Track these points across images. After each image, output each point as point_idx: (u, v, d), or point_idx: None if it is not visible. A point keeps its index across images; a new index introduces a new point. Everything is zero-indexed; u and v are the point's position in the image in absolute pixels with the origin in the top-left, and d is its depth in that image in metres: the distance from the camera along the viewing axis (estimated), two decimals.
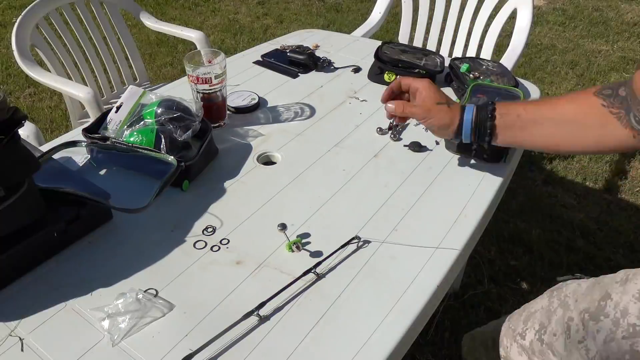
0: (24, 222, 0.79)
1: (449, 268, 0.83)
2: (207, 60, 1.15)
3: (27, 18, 1.71)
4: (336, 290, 0.79)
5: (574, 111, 0.84)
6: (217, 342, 0.69)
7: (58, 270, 0.81)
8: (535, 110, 0.88)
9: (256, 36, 3.84)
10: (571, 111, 0.85)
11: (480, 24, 2.01)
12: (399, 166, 1.06)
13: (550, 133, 0.87)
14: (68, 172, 0.96)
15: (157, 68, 3.34)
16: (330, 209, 0.95)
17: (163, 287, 0.79)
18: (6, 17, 4.02)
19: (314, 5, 4.41)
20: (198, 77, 1.12)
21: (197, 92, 1.15)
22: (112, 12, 1.96)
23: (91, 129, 1.05)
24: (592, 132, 0.84)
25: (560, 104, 0.86)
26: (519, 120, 0.88)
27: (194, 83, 1.13)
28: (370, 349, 0.70)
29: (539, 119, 0.87)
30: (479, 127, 0.90)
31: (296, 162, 1.08)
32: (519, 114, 0.88)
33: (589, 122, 0.83)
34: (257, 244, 0.87)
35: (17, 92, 3.03)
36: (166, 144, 0.99)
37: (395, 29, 2.37)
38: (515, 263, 1.89)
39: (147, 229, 0.90)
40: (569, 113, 0.85)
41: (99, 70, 1.94)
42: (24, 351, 0.69)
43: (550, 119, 0.86)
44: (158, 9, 4.27)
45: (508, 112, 0.89)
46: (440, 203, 0.96)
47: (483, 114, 0.90)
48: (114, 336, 0.70)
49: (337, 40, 1.67)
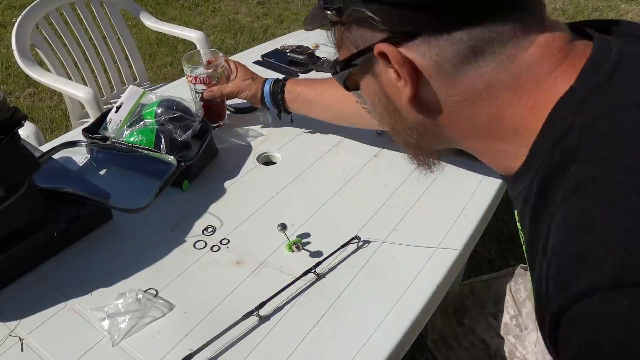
0: (24, 222, 0.79)
1: (449, 268, 0.83)
2: (207, 60, 1.15)
3: (27, 18, 1.71)
4: (336, 290, 0.79)
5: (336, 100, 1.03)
6: (217, 342, 0.69)
7: (58, 270, 0.81)
8: (310, 92, 1.07)
9: (256, 36, 3.84)
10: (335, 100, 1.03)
11: None
12: (399, 166, 1.06)
13: (318, 113, 1.10)
14: (68, 172, 0.96)
15: (157, 68, 3.34)
16: (330, 209, 0.95)
17: (163, 287, 0.79)
18: (6, 17, 4.02)
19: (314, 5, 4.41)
20: (196, 78, 1.12)
21: (195, 92, 1.15)
22: (112, 12, 1.96)
23: (91, 129, 1.05)
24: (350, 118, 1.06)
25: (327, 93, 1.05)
26: (300, 98, 1.09)
27: (192, 83, 1.13)
28: (370, 349, 0.70)
29: (312, 101, 1.08)
30: (274, 96, 1.09)
31: (296, 162, 1.08)
32: (299, 94, 1.08)
33: (345, 110, 1.02)
34: (257, 244, 0.87)
35: (17, 92, 3.03)
36: (166, 144, 0.99)
37: None
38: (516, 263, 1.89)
39: (147, 229, 0.90)
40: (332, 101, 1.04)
41: (99, 70, 1.94)
42: (24, 351, 0.69)
43: (318, 103, 1.07)
44: (158, 9, 4.27)
45: (293, 90, 1.09)
46: (440, 203, 0.96)
47: (276, 88, 1.09)
48: (114, 336, 0.70)
49: None
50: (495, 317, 0.97)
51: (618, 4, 4.40)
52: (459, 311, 1.01)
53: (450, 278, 0.84)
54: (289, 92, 1.09)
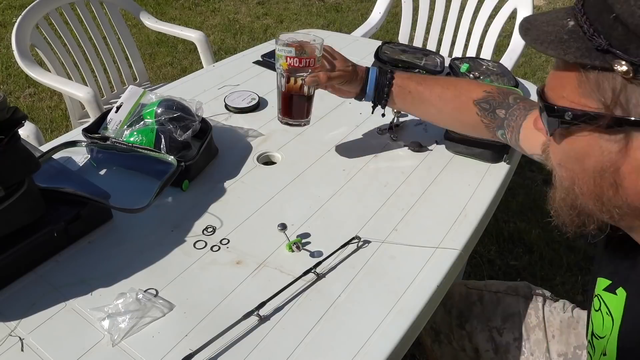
0: (24, 222, 0.79)
1: (449, 268, 0.83)
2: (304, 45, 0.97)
3: (27, 18, 1.71)
4: (336, 290, 0.79)
5: (454, 108, 0.97)
6: (217, 342, 0.69)
7: (58, 270, 0.81)
8: (424, 92, 0.99)
9: (256, 36, 3.84)
10: (452, 107, 0.98)
11: (480, 24, 2.01)
12: (399, 166, 1.06)
13: (432, 115, 1.02)
14: (68, 172, 0.95)
15: (157, 68, 3.34)
16: (330, 209, 0.95)
17: (163, 287, 0.79)
18: (6, 17, 4.02)
19: (314, 5, 4.41)
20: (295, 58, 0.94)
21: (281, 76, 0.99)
22: (112, 12, 1.96)
23: (91, 129, 1.05)
24: (466, 127, 1.00)
25: (445, 97, 0.98)
26: (410, 96, 1.00)
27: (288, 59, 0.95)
28: (370, 349, 0.70)
29: (425, 102, 0.99)
30: (378, 89, 1.01)
31: (296, 162, 1.08)
32: (411, 91, 0.99)
33: (463, 119, 0.98)
34: (257, 244, 0.87)
35: (17, 92, 3.03)
36: (166, 143, 0.99)
37: (395, 29, 2.37)
38: (516, 263, 1.89)
39: (147, 229, 0.90)
40: (449, 108, 0.98)
41: (99, 70, 1.94)
42: (24, 351, 0.69)
43: (434, 106, 0.99)
44: (158, 9, 4.27)
45: (403, 85, 1.00)
46: (440, 203, 0.96)
47: (383, 79, 1.00)
48: (114, 336, 0.70)
49: (337, 40, 1.67)
50: (499, 333, 0.98)
51: None
52: (464, 316, 1.01)
53: (450, 278, 0.84)
54: (398, 87, 0.99)
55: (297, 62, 0.95)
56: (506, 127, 0.92)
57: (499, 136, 0.94)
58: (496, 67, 1.37)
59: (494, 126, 0.94)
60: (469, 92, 0.96)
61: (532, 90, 1.37)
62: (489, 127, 0.94)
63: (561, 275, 1.83)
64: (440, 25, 2.11)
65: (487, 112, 0.93)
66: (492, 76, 1.30)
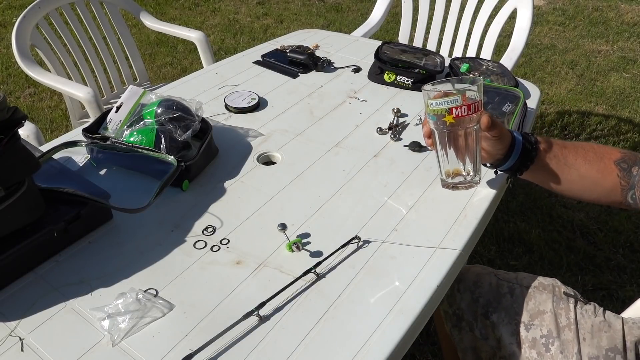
0: (24, 222, 0.79)
1: (449, 268, 0.83)
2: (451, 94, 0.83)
3: (27, 18, 1.71)
4: (336, 290, 0.79)
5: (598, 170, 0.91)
6: (217, 342, 0.69)
7: (58, 270, 0.81)
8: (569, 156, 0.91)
9: (256, 36, 3.84)
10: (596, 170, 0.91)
11: (480, 24, 2.01)
12: (399, 166, 1.06)
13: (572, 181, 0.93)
14: (68, 172, 0.95)
15: (157, 68, 3.34)
16: (330, 209, 0.95)
17: (163, 287, 0.79)
18: (6, 17, 4.02)
19: (314, 5, 4.41)
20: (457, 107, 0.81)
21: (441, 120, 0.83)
22: (112, 12, 1.96)
23: (91, 129, 1.05)
24: (602, 192, 0.92)
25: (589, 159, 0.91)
26: (555, 159, 0.91)
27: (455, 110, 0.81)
28: (370, 349, 0.70)
29: (570, 166, 0.92)
30: (527, 152, 0.91)
31: (296, 162, 1.08)
32: (556, 154, 0.91)
33: (605, 184, 0.91)
34: (257, 244, 0.87)
35: (17, 92, 3.03)
36: (166, 144, 0.99)
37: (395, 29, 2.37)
38: (515, 263, 1.89)
39: (147, 229, 0.90)
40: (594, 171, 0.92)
41: (99, 70, 1.94)
42: (24, 351, 0.69)
43: (578, 170, 0.92)
44: (158, 9, 4.27)
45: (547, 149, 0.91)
46: (440, 203, 0.96)
47: (528, 142, 0.91)
48: (114, 336, 0.70)
49: (337, 40, 1.67)
50: (527, 329, 0.98)
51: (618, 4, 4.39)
52: (492, 305, 1.02)
53: (451, 278, 0.84)
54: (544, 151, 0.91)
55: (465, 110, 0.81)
56: (637, 186, 0.88)
57: (629, 199, 0.90)
58: (496, 67, 1.37)
59: (628, 188, 0.90)
60: (609, 154, 0.91)
61: (532, 90, 1.37)
62: (624, 190, 0.90)
63: (561, 275, 1.83)
64: (440, 25, 2.11)
65: (626, 172, 0.90)
66: (492, 76, 1.30)
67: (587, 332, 0.95)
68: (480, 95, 0.82)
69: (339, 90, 1.36)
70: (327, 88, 1.37)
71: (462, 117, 0.81)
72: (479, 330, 1.02)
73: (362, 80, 1.41)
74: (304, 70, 1.45)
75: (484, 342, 1.01)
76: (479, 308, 1.02)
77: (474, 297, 1.03)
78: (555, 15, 4.21)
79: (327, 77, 1.43)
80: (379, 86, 1.38)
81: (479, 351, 1.02)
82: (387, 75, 1.37)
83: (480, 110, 0.83)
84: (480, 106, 0.82)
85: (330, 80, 1.41)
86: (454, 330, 1.05)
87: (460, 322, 1.04)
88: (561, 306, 0.98)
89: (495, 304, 1.01)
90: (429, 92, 0.83)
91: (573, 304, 0.99)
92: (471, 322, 1.03)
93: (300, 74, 1.44)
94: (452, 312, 1.05)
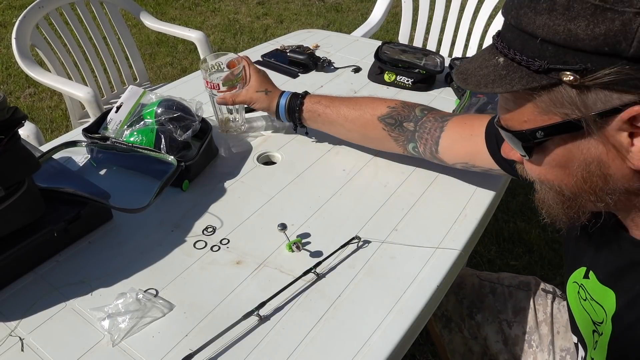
0: (24, 222, 0.79)
1: (449, 268, 0.83)
2: (229, 64, 1.11)
3: (27, 18, 1.71)
4: (336, 290, 0.79)
5: (360, 126, 1.01)
6: (217, 342, 0.69)
7: (58, 270, 0.81)
8: (331, 115, 1.03)
9: (256, 36, 3.84)
10: (359, 125, 1.01)
11: (480, 24, 2.01)
12: (399, 166, 1.06)
13: (343, 134, 1.07)
14: (68, 172, 0.96)
15: (157, 68, 3.34)
16: (330, 209, 0.95)
17: (163, 287, 0.79)
18: (6, 17, 4.02)
19: (314, 5, 4.41)
20: (207, 81, 1.09)
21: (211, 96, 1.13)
22: (112, 12, 1.96)
23: (91, 129, 1.05)
24: (374, 142, 1.04)
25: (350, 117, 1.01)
26: (320, 118, 1.05)
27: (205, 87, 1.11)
28: (370, 349, 0.70)
29: (334, 123, 1.04)
30: (291, 113, 1.07)
31: (296, 162, 1.08)
32: (320, 114, 1.04)
33: (371, 136, 1.01)
34: (257, 244, 0.87)
35: (17, 92, 3.03)
36: (166, 144, 0.99)
37: (395, 29, 2.37)
38: (515, 263, 1.89)
39: (147, 229, 0.90)
40: (356, 127, 1.02)
41: (99, 70, 1.94)
42: (24, 351, 0.69)
43: (343, 126, 1.04)
44: (158, 9, 4.27)
45: (313, 109, 1.05)
46: (440, 203, 0.96)
47: (293, 103, 1.06)
48: (114, 336, 0.70)
49: (337, 40, 1.67)
50: (509, 326, 1.00)
51: None
52: (475, 306, 1.03)
53: (451, 278, 0.84)
54: (308, 112, 1.05)
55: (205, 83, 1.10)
56: (418, 140, 0.95)
57: (410, 150, 0.97)
58: None
59: (403, 139, 0.97)
60: (373, 110, 0.99)
61: None
62: (398, 141, 0.98)
63: (561, 276, 1.83)
64: (440, 25, 2.11)
65: (394, 126, 0.97)
66: None
67: (562, 325, 0.97)
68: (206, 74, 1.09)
69: (339, 90, 1.36)
70: (327, 88, 1.37)
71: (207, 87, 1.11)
72: (467, 330, 1.03)
73: (362, 80, 1.41)
74: (304, 70, 1.45)
75: (474, 342, 1.03)
76: (464, 309, 1.04)
77: (459, 298, 1.05)
78: None
79: (327, 77, 1.43)
80: (379, 86, 1.38)
81: (471, 351, 1.04)
82: (387, 75, 1.37)
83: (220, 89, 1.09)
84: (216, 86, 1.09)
85: (330, 80, 1.41)
86: (444, 331, 1.07)
87: (450, 323, 1.06)
88: (539, 302, 1.00)
89: (479, 304, 1.03)
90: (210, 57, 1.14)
91: (551, 299, 1.01)
92: (459, 323, 1.05)
93: (300, 74, 1.44)
94: (440, 314, 1.07)
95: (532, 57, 0.50)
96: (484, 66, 0.54)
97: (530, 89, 0.51)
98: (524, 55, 0.50)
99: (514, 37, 0.51)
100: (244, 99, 1.10)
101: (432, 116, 0.94)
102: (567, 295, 0.74)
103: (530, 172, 0.61)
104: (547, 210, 0.61)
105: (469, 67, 0.56)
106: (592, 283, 0.65)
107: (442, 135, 0.91)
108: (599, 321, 0.64)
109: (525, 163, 0.62)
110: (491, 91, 0.53)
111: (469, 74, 0.55)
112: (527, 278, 1.05)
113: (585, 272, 0.67)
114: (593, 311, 0.65)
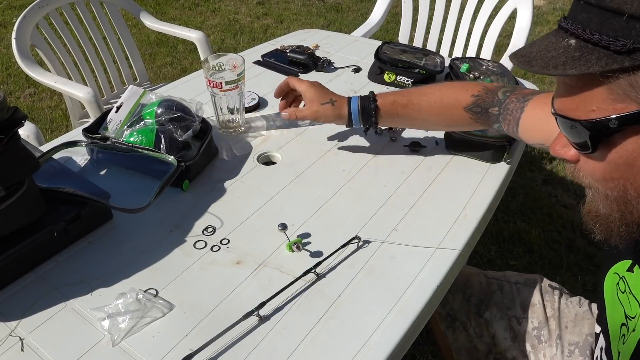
0: (24, 222, 0.79)
1: (449, 268, 0.83)
2: (233, 65, 1.10)
3: (27, 18, 1.71)
4: (336, 290, 0.79)
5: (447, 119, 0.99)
6: (217, 342, 0.69)
7: (58, 270, 0.81)
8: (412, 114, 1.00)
9: (256, 36, 3.84)
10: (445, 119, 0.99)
11: (480, 24, 2.01)
12: (399, 166, 1.06)
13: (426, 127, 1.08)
14: (68, 172, 0.95)
15: (157, 68, 3.34)
16: (330, 209, 0.95)
17: (163, 287, 0.79)
18: (6, 17, 4.02)
19: (314, 5, 4.41)
20: (209, 80, 1.09)
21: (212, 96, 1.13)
22: (112, 12, 1.96)
23: (91, 129, 1.05)
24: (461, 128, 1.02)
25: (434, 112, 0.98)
26: (399, 117, 1.02)
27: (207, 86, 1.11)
28: (370, 349, 0.70)
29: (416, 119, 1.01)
30: (364, 112, 1.02)
31: (296, 162, 1.08)
32: (398, 113, 1.01)
33: (458, 124, 1.00)
34: (257, 244, 0.87)
35: (17, 92, 3.03)
36: (166, 144, 0.99)
37: (395, 29, 2.37)
38: (516, 263, 1.89)
39: (147, 229, 0.90)
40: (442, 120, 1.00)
41: (99, 70, 1.94)
42: (24, 351, 0.69)
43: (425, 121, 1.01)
44: (158, 9, 4.27)
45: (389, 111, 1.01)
46: (440, 203, 0.96)
47: (367, 107, 1.02)
48: (114, 336, 0.70)
49: (337, 40, 1.67)
50: (519, 322, 1.00)
51: None
52: (484, 303, 1.03)
53: (451, 278, 0.84)
54: (385, 113, 1.01)
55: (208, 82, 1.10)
56: (502, 121, 0.94)
57: (496, 128, 0.97)
58: (496, 67, 1.37)
59: (490, 122, 0.96)
60: (457, 102, 0.96)
61: None
62: (484, 124, 0.97)
63: (561, 275, 1.83)
64: (440, 25, 2.11)
65: (480, 114, 0.95)
66: (492, 76, 1.30)
67: (569, 320, 0.98)
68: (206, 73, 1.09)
69: (339, 90, 1.35)
70: None
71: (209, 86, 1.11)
72: (473, 329, 1.03)
73: (362, 80, 1.41)
74: (304, 70, 1.45)
75: (479, 340, 1.03)
76: (472, 307, 1.04)
77: (466, 297, 1.05)
78: (555, 15, 4.21)
79: (327, 77, 1.43)
80: (379, 86, 1.38)
81: (475, 349, 1.04)
82: (387, 75, 1.37)
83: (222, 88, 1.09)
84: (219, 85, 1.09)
85: (330, 80, 1.41)
86: (448, 331, 1.07)
87: (454, 322, 1.06)
88: (547, 298, 1.01)
89: (487, 301, 1.03)
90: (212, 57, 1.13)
91: (558, 295, 1.01)
92: (465, 322, 1.04)
93: (301, 74, 1.44)
94: (445, 314, 1.07)
95: (615, 36, 0.45)
96: (551, 48, 0.50)
97: (610, 71, 0.46)
98: (604, 34, 0.46)
99: (591, 16, 0.48)
100: (309, 113, 1.05)
101: (514, 97, 0.92)
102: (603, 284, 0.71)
103: (589, 171, 0.55)
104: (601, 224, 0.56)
105: (531, 50, 0.52)
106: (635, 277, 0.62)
107: (521, 117, 0.89)
108: (631, 315, 0.62)
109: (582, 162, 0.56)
110: (562, 73, 0.48)
111: (532, 56, 0.51)
112: (532, 276, 1.06)
113: (631, 265, 0.63)
114: (628, 305, 0.63)
